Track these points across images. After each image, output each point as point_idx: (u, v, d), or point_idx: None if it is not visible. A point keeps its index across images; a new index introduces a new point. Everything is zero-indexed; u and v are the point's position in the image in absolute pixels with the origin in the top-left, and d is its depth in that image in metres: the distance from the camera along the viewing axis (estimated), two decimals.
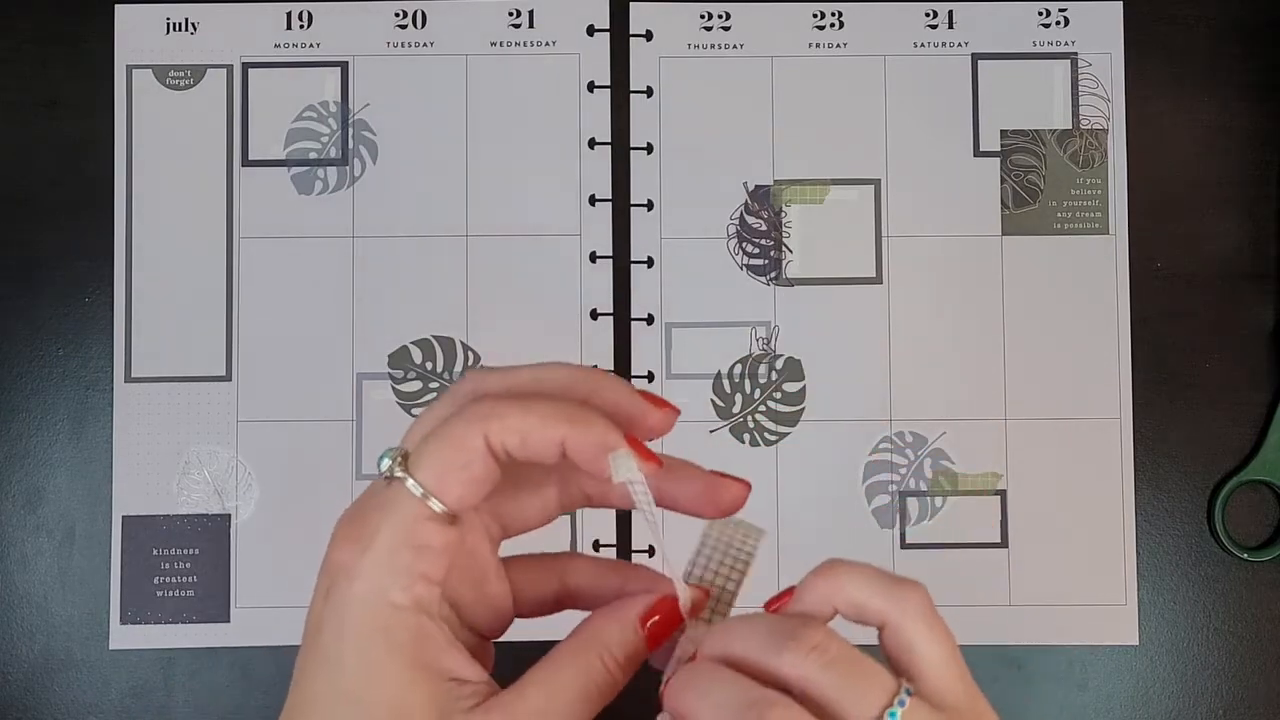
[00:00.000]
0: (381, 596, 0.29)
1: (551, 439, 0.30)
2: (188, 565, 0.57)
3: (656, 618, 0.32)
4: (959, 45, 0.60)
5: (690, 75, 0.60)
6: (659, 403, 0.32)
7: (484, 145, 0.59)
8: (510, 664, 0.33)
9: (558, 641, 0.33)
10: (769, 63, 0.60)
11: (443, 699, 0.30)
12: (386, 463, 0.31)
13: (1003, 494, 0.58)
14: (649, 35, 0.60)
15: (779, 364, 0.59)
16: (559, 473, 0.33)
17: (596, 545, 0.57)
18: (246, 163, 0.59)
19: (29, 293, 0.59)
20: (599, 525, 0.57)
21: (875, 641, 0.32)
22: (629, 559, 0.58)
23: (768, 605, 0.33)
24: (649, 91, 0.60)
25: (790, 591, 0.32)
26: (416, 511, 0.30)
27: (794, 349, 0.59)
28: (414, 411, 0.58)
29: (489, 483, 0.30)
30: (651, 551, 0.58)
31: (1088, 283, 0.59)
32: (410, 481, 0.30)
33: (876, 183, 0.59)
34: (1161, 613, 0.58)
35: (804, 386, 0.59)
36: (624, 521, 0.58)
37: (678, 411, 0.32)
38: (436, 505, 0.30)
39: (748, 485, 0.33)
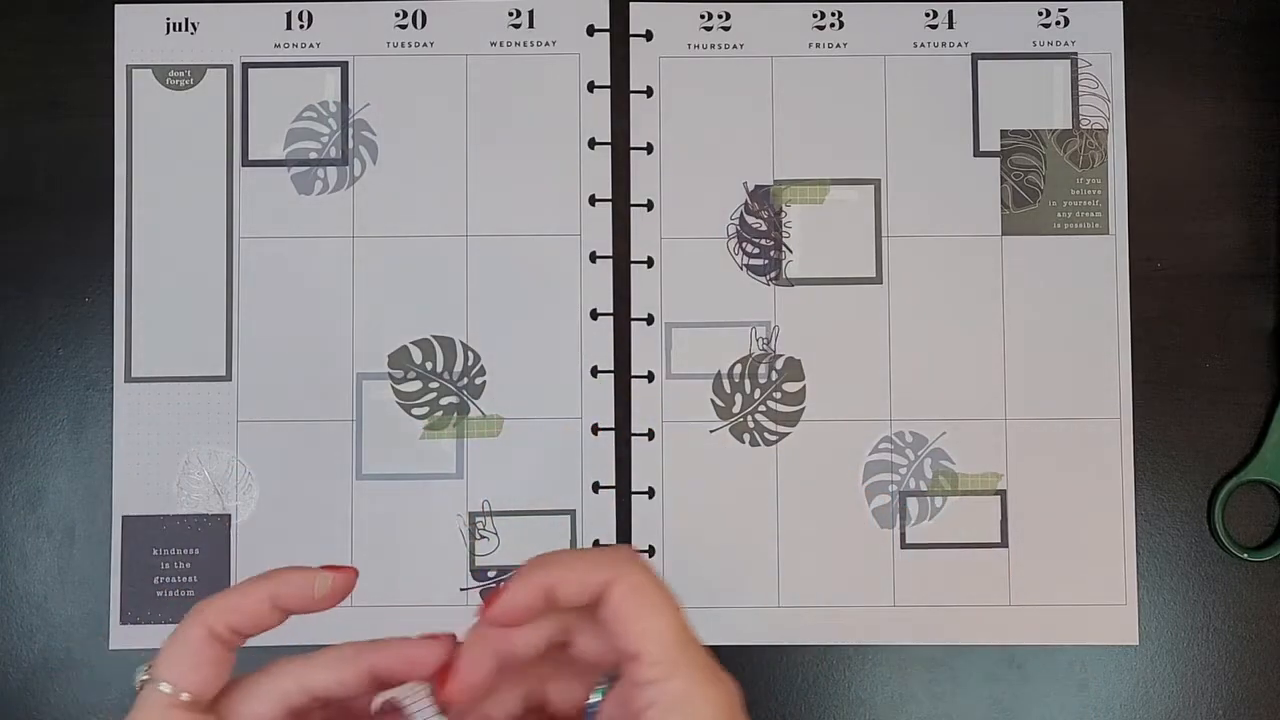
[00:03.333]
0: None
1: (259, 602, 0.35)
2: (188, 565, 0.57)
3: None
4: (959, 45, 0.60)
5: (690, 75, 0.60)
6: (332, 569, 0.36)
7: (484, 145, 0.59)
8: None
9: None
10: (769, 63, 0.60)
11: None
12: (139, 675, 0.35)
13: (1003, 494, 0.58)
14: (649, 35, 0.60)
15: (779, 364, 0.59)
16: (282, 681, 0.36)
17: (596, 543, 0.57)
18: (246, 163, 0.59)
19: (29, 293, 0.59)
20: (599, 526, 0.57)
21: None
22: None
23: (485, 603, 0.35)
24: (649, 91, 0.60)
25: (503, 588, 0.35)
26: (163, 703, 0.34)
27: (794, 349, 0.59)
28: (414, 411, 0.58)
29: (221, 663, 0.35)
30: (651, 551, 0.58)
31: (1088, 283, 0.59)
32: (156, 682, 0.34)
33: (876, 183, 0.59)
34: (1161, 613, 0.58)
35: (804, 386, 0.59)
36: (624, 521, 0.58)
37: (348, 574, 0.36)
38: (182, 695, 0.34)
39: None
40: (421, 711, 0.35)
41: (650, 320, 0.59)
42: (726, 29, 0.60)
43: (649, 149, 0.59)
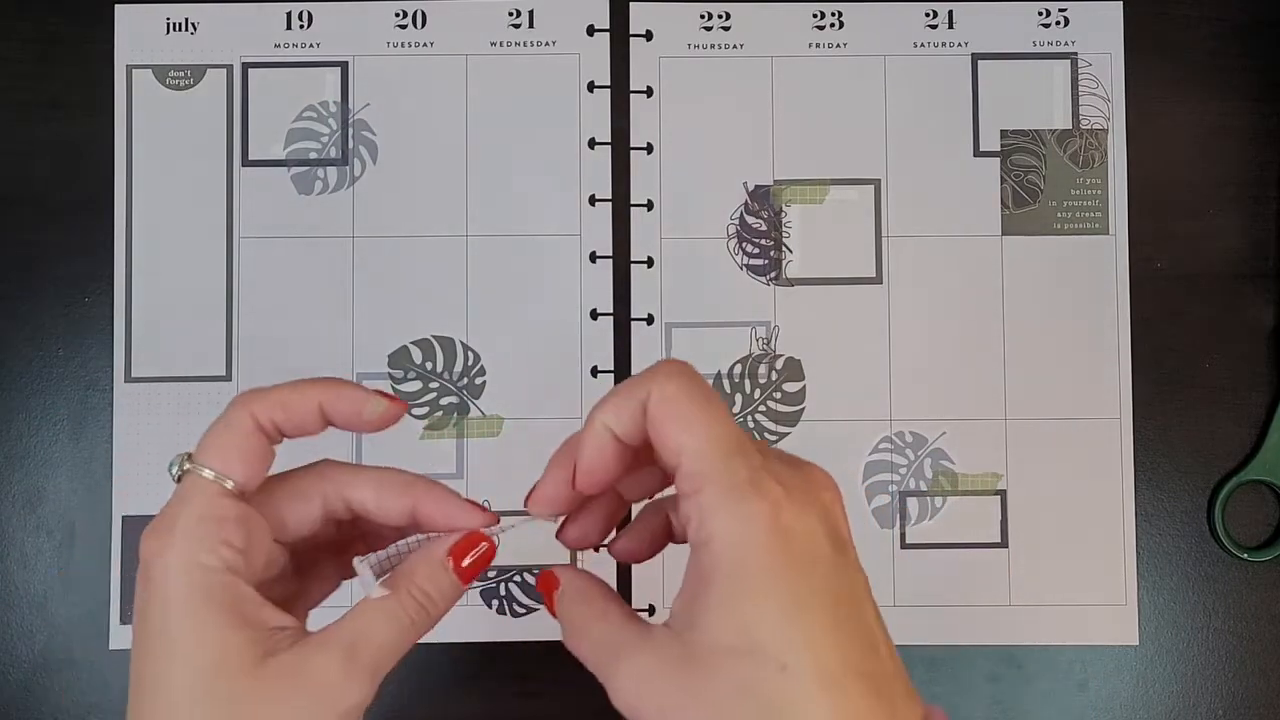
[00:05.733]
0: (194, 562, 0.33)
1: (309, 404, 0.35)
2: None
3: (466, 560, 0.35)
4: (959, 45, 0.60)
5: (690, 75, 0.60)
6: (387, 396, 0.36)
7: (484, 145, 0.59)
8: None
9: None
10: (769, 63, 0.60)
11: (264, 642, 0.33)
12: (175, 467, 0.35)
13: (1003, 494, 0.58)
14: (649, 35, 0.60)
15: (779, 364, 0.59)
16: (322, 483, 0.36)
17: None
18: (246, 163, 0.59)
19: (29, 293, 0.59)
20: None
21: None
22: None
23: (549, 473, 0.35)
24: (649, 91, 0.60)
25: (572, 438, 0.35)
26: (209, 490, 0.34)
27: (794, 349, 0.59)
28: (414, 411, 0.58)
29: (266, 456, 0.34)
30: None
31: (1088, 283, 0.59)
32: (199, 468, 0.34)
33: (876, 183, 0.59)
34: (1161, 613, 0.58)
35: (804, 386, 0.59)
36: (624, 521, 0.58)
37: (399, 405, 0.36)
38: (227, 482, 0.34)
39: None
40: (379, 569, 0.35)
41: (650, 320, 0.59)
42: (726, 29, 0.60)
43: (649, 149, 0.59)
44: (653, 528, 0.36)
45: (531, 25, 0.60)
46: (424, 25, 0.60)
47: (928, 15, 0.60)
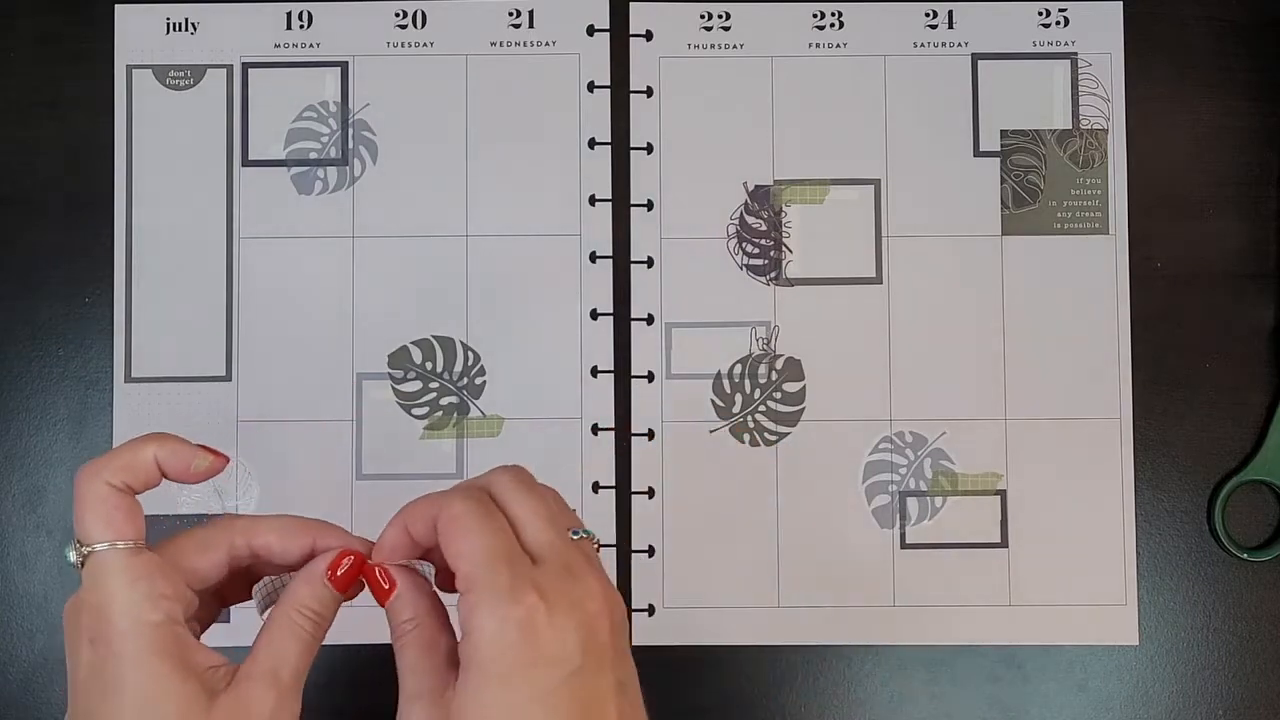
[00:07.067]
0: (142, 621, 0.36)
1: (147, 462, 0.38)
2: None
3: (339, 570, 0.39)
4: (959, 45, 0.60)
5: (690, 75, 0.60)
6: (211, 452, 0.40)
7: (484, 145, 0.59)
8: None
9: None
10: (769, 63, 0.60)
11: (207, 683, 0.36)
12: (72, 555, 0.37)
13: (1003, 494, 0.58)
14: (649, 35, 0.60)
15: (779, 364, 0.59)
16: (229, 534, 0.40)
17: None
18: (246, 163, 0.59)
19: (29, 293, 0.59)
20: (599, 526, 0.57)
21: None
22: (628, 558, 0.58)
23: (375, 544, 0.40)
24: (649, 91, 0.60)
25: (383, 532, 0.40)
26: (121, 558, 0.37)
27: (794, 349, 0.59)
28: (414, 411, 0.58)
29: (137, 512, 0.38)
30: (651, 551, 0.58)
31: (1088, 283, 0.59)
32: (97, 546, 0.37)
33: (876, 183, 0.59)
34: (1161, 613, 0.58)
35: (804, 386, 0.59)
36: (624, 521, 0.58)
37: (220, 460, 0.40)
38: (128, 545, 0.37)
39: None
40: (269, 596, 0.40)
41: (650, 320, 0.59)
42: (726, 29, 0.60)
43: (649, 149, 0.59)
44: None
45: (531, 25, 0.60)
46: (424, 25, 0.60)
47: (928, 15, 0.60)
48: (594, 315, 0.59)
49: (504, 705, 0.35)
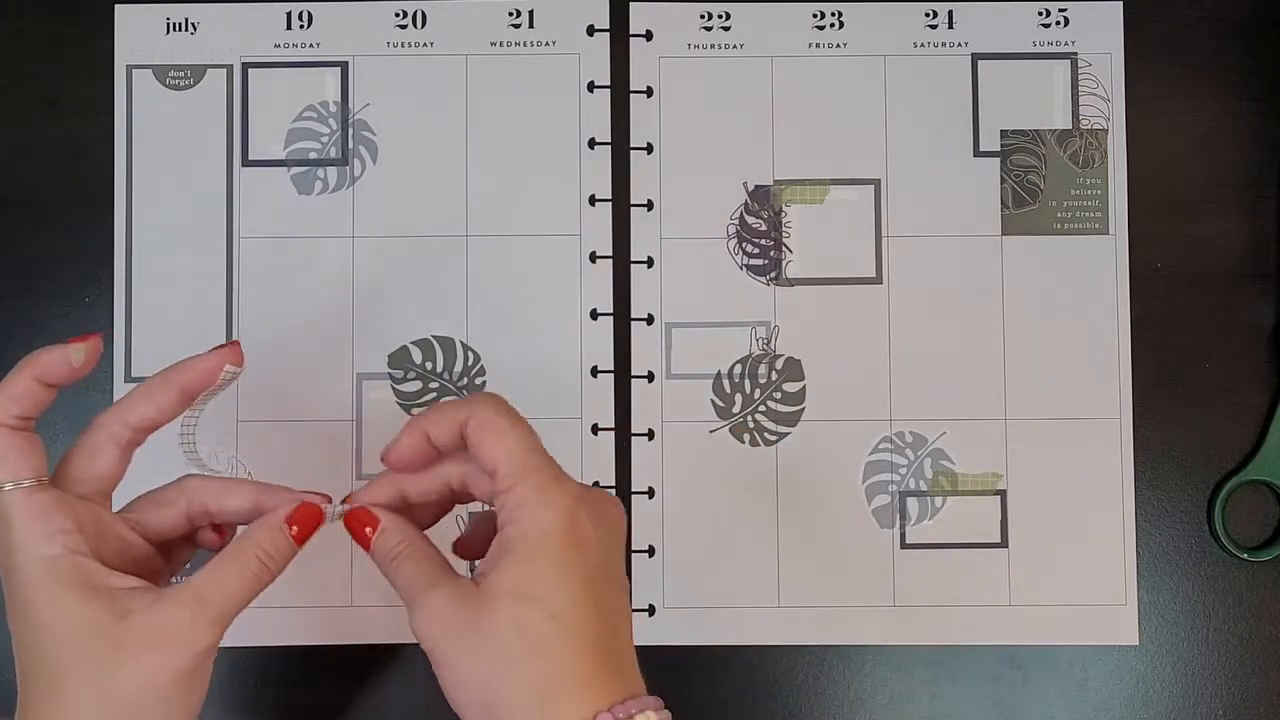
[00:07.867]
0: (39, 556, 0.38)
1: (27, 384, 0.40)
2: (188, 566, 0.57)
3: (297, 526, 0.41)
4: (959, 45, 0.60)
5: (690, 75, 0.60)
6: (80, 338, 0.41)
7: (484, 145, 0.59)
8: None
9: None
10: (769, 63, 0.60)
11: (119, 603, 0.38)
12: None
13: (1003, 494, 0.58)
14: (649, 35, 0.60)
15: (779, 364, 0.59)
16: (183, 494, 0.43)
17: None
18: (246, 163, 0.59)
19: (29, 293, 0.59)
20: None
21: None
22: (629, 558, 0.58)
23: (383, 452, 0.42)
24: (649, 91, 0.60)
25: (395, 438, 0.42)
26: (17, 497, 0.39)
27: (794, 349, 0.59)
28: (414, 411, 0.58)
29: (33, 445, 0.39)
30: (651, 551, 0.58)
31: (1088, 283, 0.59)
32: (2, 486, 0.39)
33: (876, 183, 0.59)
34: (1161, 613, 0.58)
35: (804, 386, 0.59)
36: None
37: (94, 340, 0.41)
38: (25, 483, 0.39)
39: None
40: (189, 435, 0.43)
41: (650, 320, 0.59)
42: (726, 29, 0.60)
43: (649, 149, 0.59)
44: (485, 530, 0.43)
45: (531, 25, 0.60)
46: (424, 25, 0.60)
47: (928, 15, 0.60)
48: (594, 315, 0.59)
49: (547, 576, 0.38)
